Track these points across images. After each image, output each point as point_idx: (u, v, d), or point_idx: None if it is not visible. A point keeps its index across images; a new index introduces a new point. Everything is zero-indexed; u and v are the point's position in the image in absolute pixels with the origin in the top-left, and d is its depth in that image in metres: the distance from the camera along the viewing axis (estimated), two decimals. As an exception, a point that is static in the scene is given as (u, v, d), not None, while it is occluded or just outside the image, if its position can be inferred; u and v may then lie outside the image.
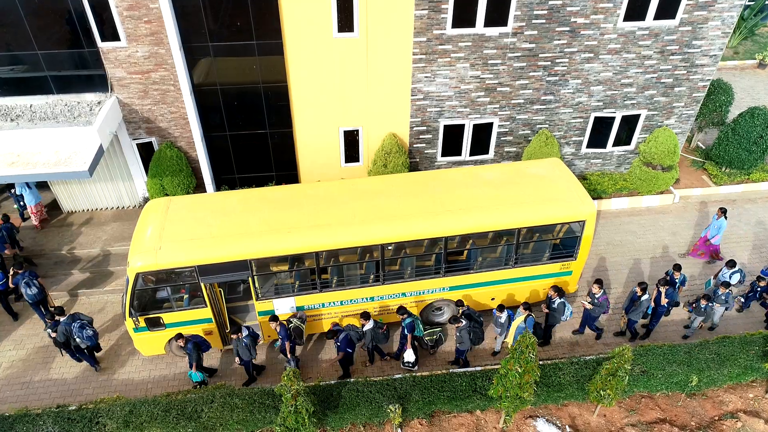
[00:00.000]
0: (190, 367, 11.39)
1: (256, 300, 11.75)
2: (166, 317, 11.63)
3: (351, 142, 15.55)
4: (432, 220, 11.56)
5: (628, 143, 16.70)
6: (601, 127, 16.21)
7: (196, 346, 11.32)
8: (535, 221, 11.87)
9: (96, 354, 12.36)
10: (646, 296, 12.03)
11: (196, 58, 13.54)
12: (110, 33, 12.99)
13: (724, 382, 11.64)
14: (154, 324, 11.68)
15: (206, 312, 11.67)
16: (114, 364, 12.63)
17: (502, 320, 11.85)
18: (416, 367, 12.05)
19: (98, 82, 13.74)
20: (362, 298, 12.20)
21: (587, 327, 12.85)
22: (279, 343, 11.74)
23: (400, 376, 11.47)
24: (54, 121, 13.16)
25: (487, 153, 16.32)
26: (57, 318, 11.55)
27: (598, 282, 11.96)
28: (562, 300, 11.93)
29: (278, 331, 11.41)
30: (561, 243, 12.91)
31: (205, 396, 10.86)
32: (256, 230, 11.28)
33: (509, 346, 12.17)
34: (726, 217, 14.24)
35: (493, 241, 12.48)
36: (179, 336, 11.23)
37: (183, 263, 10.89)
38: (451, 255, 12.59)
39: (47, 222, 15.54)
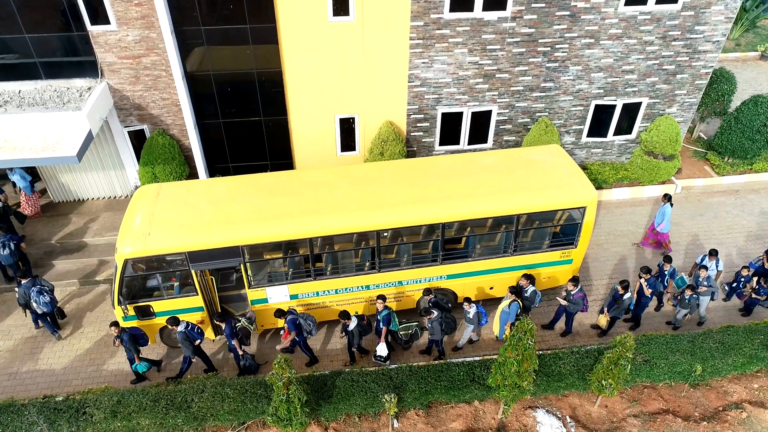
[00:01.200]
0: (130, 362, 11.18)
1: (249, 288, 11.46)
2: (157, 306, 11.34)
3: (347, 131, 15.25)
4: (429, 206, 11.28)
5: (629, 132, 16.41)
6: (602, 116, 15.92)
7: (132, 339, 10.94)
8: (535, 207, 11.59)
9: (59, 321, 12.74)
10: (628, 294, 11.66)
11: (188, 43, 13.24)
12: (100, 16, 12.68)
13: (729, 371, 11.36)
14: (144, 313, 11.38)
15: (197, 300, 11.38)
16: (104, 354, 12.33)
17: (471, 315, 11.45)
18: (388, 362, 11.66)
19: (88, 68, 13.43)
20: (358, 287, 11.91)
21: (564, 324, 12.48)
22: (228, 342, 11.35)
23: (396, 366, 11.18)
24: (43, 107, 12.87)
25: (485, 142, 16.03)
26: (20, 279, 11.71)
27: (573, 280, 11.61)
28: (534, 288, 11.65)
29: (224, 329, 10.99)
30: (561, 230, 12.64)
31: (195, 386, 10.57)
32: (248, 216, 11.00)
33: (495, 333, 11.99)
34: (671, 204, 13.98)
35: (491, 228, 12.20)
36: (114, 324, 10.89)
37: (173, 249, 10.60)
38: (448, 243, 12.31)
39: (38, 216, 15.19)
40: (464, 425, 10.71)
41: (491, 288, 12.55)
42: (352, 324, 11.12)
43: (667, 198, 13.79)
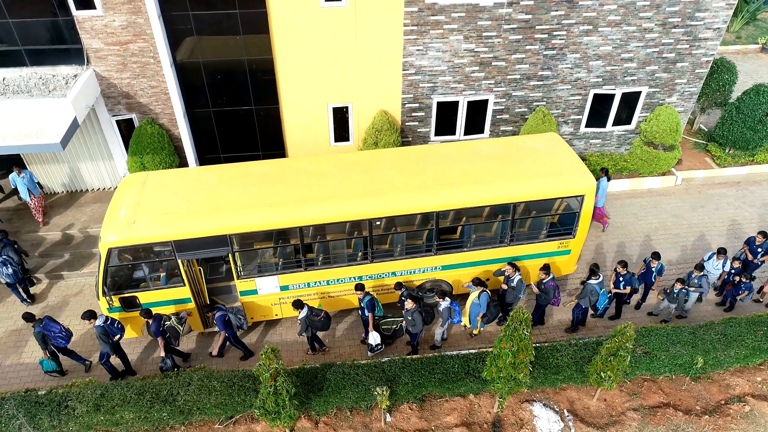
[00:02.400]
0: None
1: (238, 279, 11.14)
2: (143, 297, 11.02)
3: (340, 120, 14.94)
4: (423, 194, 10.97)
5: (629, 122, 16.10)
6: (601, 105, 15.61)
7: (42, 336, 10.63)
8: (532, 196, 11.28)
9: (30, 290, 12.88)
10: (592, 280, 11.28)
11: (177, 29, 12.90)
12: (86, 0, 12.35)
13: (731, 364, 11.05)
14: (130, 304, 11.06)
15: (185, 291, 11.06)
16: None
17: (441, 308, 11.06)
18: (382, 347, 11.34)
19: (74, 54, 13.10)
20: (350, 278, 11.60)
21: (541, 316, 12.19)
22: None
23: (388, 358, 10.87)
24: (28, 94, 12.55)
25: (482, 132, 15.71)
26: None
27: (545, 268, 11.26)
28: (520, 277, 11.35)
29: (150, 326, 10.66)
30: (559, 220, 12.34)
31: (182, 379, 10.25)
32: (236, 204, 10.69)
33: (466, 328, 11.73)
34: (609, 178, 13.94)
35: (487, 217, 11.89)
36: (27, 316, 10.67)
37: (158, 238, 10.28)
38: (443, 232, 12.01)
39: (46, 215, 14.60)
40: (459, 419, 10.40)
41: (487, 279, 12.21)
42: (302, 313, 10.75)
43: (605, 172, 13.84)
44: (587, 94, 15.32)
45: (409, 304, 10.75)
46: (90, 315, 10.47)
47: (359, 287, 10.92)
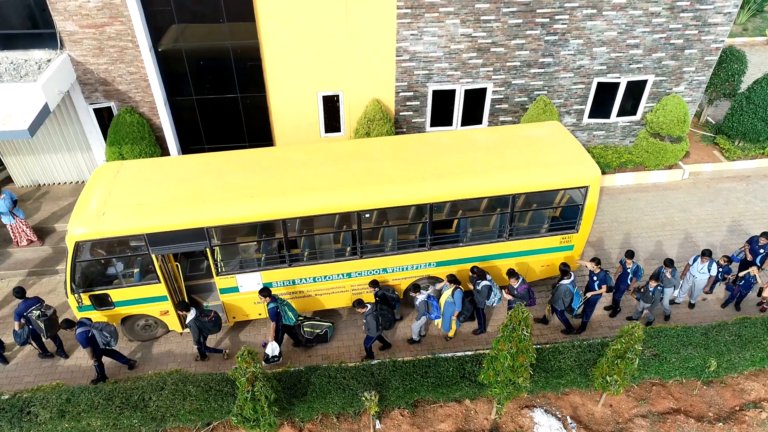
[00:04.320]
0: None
1: (217, 275, 10.40)
2: (115, 294, 10.27)
3: (331, 110, 14.19)
4: (415, 185, 10.23)
5: (634, 113, 15.35)
6: (605, 95, 14.87)
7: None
8: (533, 187, 10.54)
9: None
10: (564, 281, 10.52)
11: (155, 10, 12.16)
12: (58, -21, 11.66)
13: (746, 367, 10.33)
14: (102, 302, 10.32)
15: (160, 289, 10.31)
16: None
17: (417, 302, 10.35)
18: (279, 360, 10.48)
19: (47, 38, 12.36)
20: (338, 275, 10.86)
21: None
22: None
23: (378, 360, 10.13)
24: (-2, 79, 11.83)
25: (480, 123, 14.97)
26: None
27: (511, 273, 10.45)
28: (487, 283, 10.51)
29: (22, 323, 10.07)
30: (561, 213, 11.60)
31: (154, 382, 9.51)
32: (215, 195, 9.95)
33: (440, 326, 11.00)
34: None
35: (484, 210, 11.16)
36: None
37: (130, 231, 9.54)
38: (437, 226, 11.29)
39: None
40: (454, 426, 9.66)
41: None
42: (190, 316, 9.98)
43: None
44: (591, 82, 14.58)
45: (360, 308, 10.00)
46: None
47: (263, 293, 10.01)
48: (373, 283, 10.50)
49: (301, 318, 10.90)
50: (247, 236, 10.71)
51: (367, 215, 10.44)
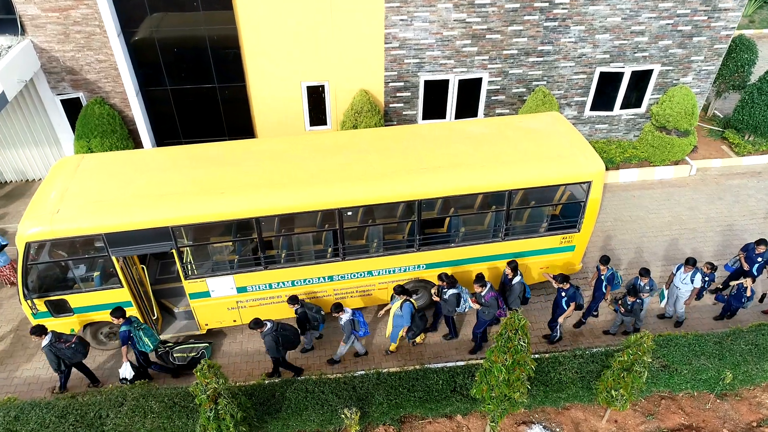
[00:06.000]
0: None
1: (185, 279, 9.51)
2: (73, 300, 9.38)
3: (316, 101, 13.32)
4: (402, 180, 9.35)
5: (639, 105, 14.49)
6: (608, 85, 14.02)
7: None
8: (531, 182, 9.66)
9: None
10: (518, 278, 9.63)
11: (125, -8, 11.32)
12: (17, -42, 10.79)
13: (764, 379, 9.45)
14: (59, 309, 9.43)
15: (123, 294, 9.42)
16: (19, 359, 10.38)
17: (342, 322, 9.35)
18: (127, 382, 9.36)
19: (8, 23, 11.50)
20: (318, 278, 9.98)
21: (473, 333, 10.31)
22: None
23: (362, 372, 9.24)
24: (-47, 68, 10.94)
25: (475, 115, 14.11)
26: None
27: (478, 279, 9.45)
28: (455, 291, 9.60)
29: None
30: (562, 211, 10.73)
31: (114, 397, 8.62)
32: (182, 191, 9.07)
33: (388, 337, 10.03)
34: None
35: (478, 207, 10.29)
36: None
37: (85, 230, 8.65)
38: (427, 225, 10.40)
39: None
40: (443, 445, 8.79)
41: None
42: (44, 343, 8.79)
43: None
44: (593, 72, 13.72)
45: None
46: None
47: (116, 313, 8.94)
48: (292, 300, 9.39)
49: (170, 344, 9.88)
50: (219, 236, 9.83)
51: (350, 213, 9.57)
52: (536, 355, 9.21)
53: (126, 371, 9.34)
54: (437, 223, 10.60)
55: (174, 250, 9.06)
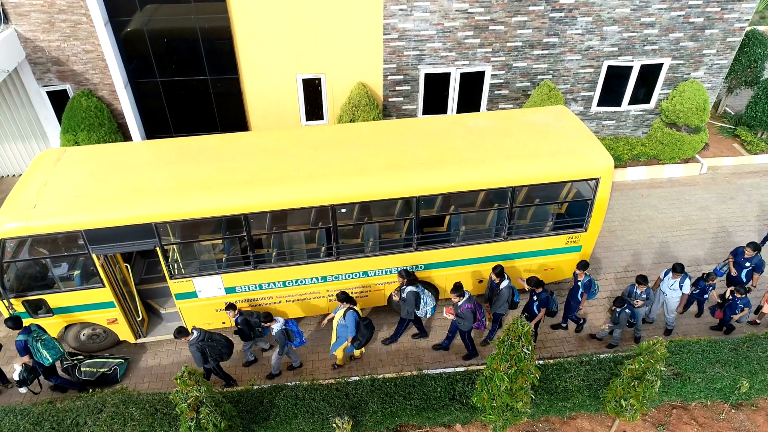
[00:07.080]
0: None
1: (170, 279, 9.03)
2: (53, 300, 8.91)
3: (313, 94, 12.85)
4: (400, 176, 8.85)
5: (648, 101, 13.97)
6: (616, 80, 13.50)
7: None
8: (535, 178, 9.15)
9: None
10: (505, 282, 9.13)
11: (112, -21, 10.87)
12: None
13: (782, 388, 8.91)
14: (38, 309, 8.96)
15: (105, 293, 8.95)
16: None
17: (274, 332, 8.73)
18: (24, 389, 8.66)
19: (-9, 11, 11.05)
20: (310, 278, 9.49)
21: (462, 340, 9.67)
22: None
23: (356, 378, 8.74)
24: (-66, 57, 10.51)
25: (478, 110, 13.61)
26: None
27: (455, 289, 8.81)
28: (413, 289, 9.09)
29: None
30: (568, 209, 10.22)
31: (92, 403, 8.15)
32: (166, 186, 8.61)
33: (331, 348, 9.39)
34: None
35: (480, 205, 9.79)
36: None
37: (63, 226, 8.18)
38: (425, 224, 9.90)
39: None
40: (441, 457, 8.29)
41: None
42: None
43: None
44: (600, 66, 13.21)
45: (187, 335, 8.37)
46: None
47: (9, 323, 8.32)
48: (230, 307, 8.85)
49: (79, 357, 9.33)
50: (206, 234, 9.36)
51: (344, 210, 9.08)
52: (540, 362, 8.70)
53: (16, 372, 8.57)
54: (436, 221, 10.10)
55: (158, 248, 8.58)
